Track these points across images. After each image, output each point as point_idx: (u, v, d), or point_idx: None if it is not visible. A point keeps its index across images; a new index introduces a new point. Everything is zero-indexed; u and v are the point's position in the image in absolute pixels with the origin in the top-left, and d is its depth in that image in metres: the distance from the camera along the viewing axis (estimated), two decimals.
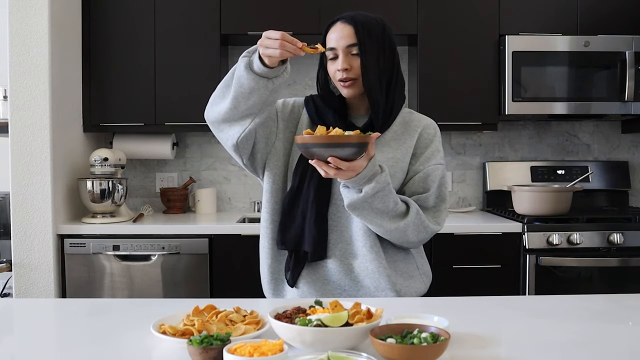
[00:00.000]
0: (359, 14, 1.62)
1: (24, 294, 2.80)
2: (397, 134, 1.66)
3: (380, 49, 1.60)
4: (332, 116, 1.64)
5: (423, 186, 1.63)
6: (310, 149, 1.37)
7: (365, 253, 1.59)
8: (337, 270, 1.61)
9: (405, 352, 1.02)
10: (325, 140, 1.35)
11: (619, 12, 3.20)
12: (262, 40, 1.41)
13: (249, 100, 1.49)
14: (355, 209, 1.49)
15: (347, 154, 1.37)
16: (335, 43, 1.60)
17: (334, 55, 1.61)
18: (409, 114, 1.72)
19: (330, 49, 1.61)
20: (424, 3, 3.18)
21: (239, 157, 1.63)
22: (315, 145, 1.36)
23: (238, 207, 3.59)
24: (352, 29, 1.58)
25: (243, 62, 1.46)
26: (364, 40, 1.57)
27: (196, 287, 2.85)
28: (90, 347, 1.21)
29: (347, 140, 1.35)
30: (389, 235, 1.56)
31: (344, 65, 1.58)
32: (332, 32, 1.61)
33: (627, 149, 3.62)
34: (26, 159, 2.80)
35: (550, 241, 2.82)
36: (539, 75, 3.15)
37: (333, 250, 1.61)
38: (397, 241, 1.59)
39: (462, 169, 3.59)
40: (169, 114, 3.17)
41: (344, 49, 1.59)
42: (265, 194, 1.69)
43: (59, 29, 2.90)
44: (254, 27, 3.15)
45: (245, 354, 0.99)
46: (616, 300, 1.56)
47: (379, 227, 1.54)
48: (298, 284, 1.63)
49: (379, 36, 1.60)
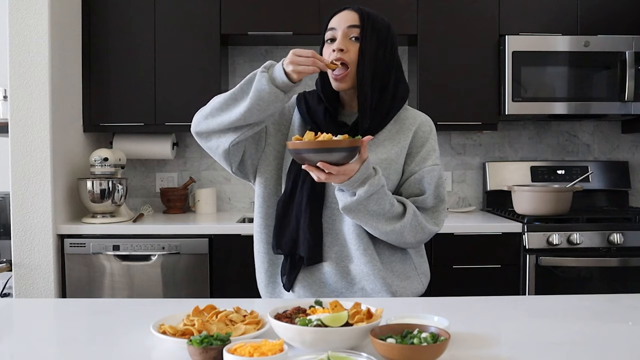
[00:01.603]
0: (366, 7, 1.61)
1: (24, 294, 2.80)
2: (391, 133, 1.63)
3: (381, 44, 1.58)
4: (323, 115, 1.62)
5: (419, 188, 1.61)
6: (301, 154, 1.38)
7: (359, 256, 1.58)
8: (333, 273, 1.60)
9: (405, 352, 1.02)
10: (315, 145, 1.35)
11: (619, 12, 3.20)
12: (293, 58, 1.46)
13: (265, 112, 1.52)
14: (350, 211, 1.49)
15: (337, 159, 1.37)
16: (337, 24, 1.58)
17: (332, 37, 1.59)
18: (403, 110, 1.68)
19: (330, 29, 1.59)
20: (424, 3, 3.18)
21: (228, 165, 1.62)
22: (305, 151, 1.36)
23: (238, 207, 3.59)
24: (357, 15, 1.57)
25: (264, 77, 1.49)
26: (366, 27, 1.56)
27: (196, 287, 2.85)
28: (90, 347, 1.21)
29: (336, 144, 1.35)
30: (385, 236, 1.55)
31: (339, 46, 1.55)
32: (336, 17, 1.60)
33: (627, 149, 3.62)
34: (26, 159, 2.80)
35: (550, 241, 2.82)
36: (539, 75, 3.15)
37: (328, 253, 1.61)
38: (395, 242, 1.58)
39: (462, 169, 3.59)
40: (169, 114, 3.17)
41: (344, 30, 1.56)
42: (258, 198, 1.68)
43: (59, 29, 2.90)
44: (254, 27, 3.15)
45: (245, 354, 0.99)
46: (616, 300, 1.56)
47: (375, 229, 1.53)
48: (294, 287, 1.62)
49: (383, 32, 1.59)
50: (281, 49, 3.53)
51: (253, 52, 3.55)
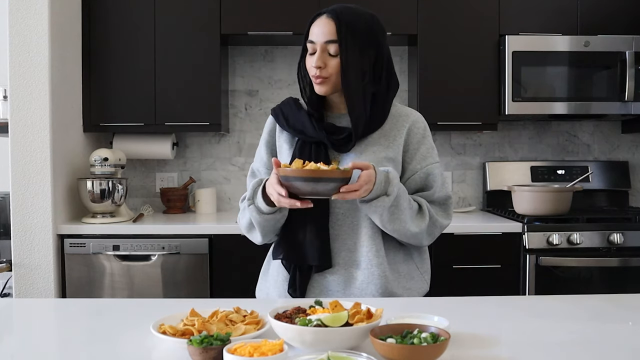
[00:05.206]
0: (345, 9, 1.56)
1: (24, 294, 2.79)
2: (384, 130, 1.62)
3: (364, 49, 1.55)
4: (309, 120, 1.61)
5: (425, 184, 1.62)
6: (292, 183, 1.39)
7: (372, 258, 1.58)
8: (341, 279, 1.59)
9: (405, 352, 1.02)
10: (307, 174, 1.37)
11: (619, 12, 3.20)
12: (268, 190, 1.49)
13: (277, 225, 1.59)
14: (390, 220, 1.51)
15: (330, 189, 1.39)
16: (315, 37, 1.56)
17: (313, 50, 1.57)
18: (392, 106, 1.66)
19: (310, 42, 1.57)
20: (424, 3, 3.18)
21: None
22: (296, 179, 1.38)
23: (238, 207, 3.58)
24: (334, 26, 1.53)
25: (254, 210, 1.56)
26: (345, 39, 1.52)
27: (196, 287, 2.85)
28: (90, 347, 1.21)
29: (328, 175, 1.37)
30: (412, 238, 1.58)
31: (317, 63, 1.54)
32: (315, 26, 1.57)
33: (627, 149, 3.62)
34: (26, 159, 2.80)
35: (550, 241, 2.82)
36: (539, 75, 3.15)
37: (336, 259, 1.60)
38: (414, 242, 1.60)
39: (462, 169, 3.59)
40: (169, 114, 3.17)
41: (322, 45, 1.54)
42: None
43: (59, 29, 2.90)
44: (254, 27, 3.15)
45: (245, 354, 0.99)
46: (616, 300, 1.56)
47: (403, 226, 1.54)
48: (305, 296, 1.61)
49: (364, 34, 1.55)
50: (281, 49, 3.53)
51: (253, 52, 3.55)
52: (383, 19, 1.64)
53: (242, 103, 3.56)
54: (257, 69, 3.55)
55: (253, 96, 3.56)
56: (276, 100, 3.24)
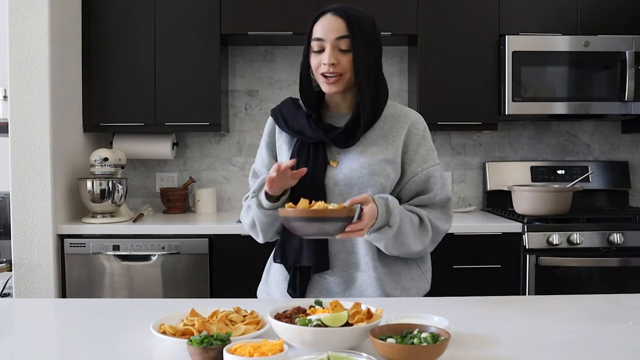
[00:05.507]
0: (350, 8, 1.56)
1: (24, 294, 2.79)
2: (383, 130, 1.62)
3: (370, 46, 1.56)
4: (306, 120, 1.60)
5: (425, 187, 1.61)
6: (291, 223, 1.36)
7: (368, 261, 1.58)
8: (341, 280, 1.60)
9: (405, 352, 1.02)
10: (310, 214, 1.33)
11: (619, 12, 3.20)
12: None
13: (274, 227, 1.60)
14: (395, 246, 1.51)
15: (335, 229, 1.36)
16: (324, 34, 1.54)
17: (320, 48, 1.55)
18: (392, 107, 1.66)
19: (317, 40, 1.55)
20: (424, 3, 3.18)
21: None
22: (298, 219, 1.34)
23: (238, 207, 3.58)
24: (344, 22, 1.53)
25: (254, 202, 1.56)
26: (356, 35, 1.52)
27: (196, 287, 2.85)
28: (90, 347, 1.21)
29: (334, 214, 1.33)
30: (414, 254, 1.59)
31: (331, 60, 1.52)
32: (320, 24, 1.56)
33: (627, 149, 3.62)
34: (26, 159, 2.80)
35: (550, 241, 2.82)
36: (539, 75, 3.15)
37: (335, 261, 1.60)
38: (418, 255, 1.62)
39: (462, 169, 3.59)
40: (169, 114, 3.17)
41: (333, 42, 1.53)
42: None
43: (59, 29, 2.90)
44: (254, 27, 3.15)
45: (245, 354, 0.99)
46: (616, 300, 1.56)
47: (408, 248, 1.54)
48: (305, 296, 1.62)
49: (370, 32, 1.56)
50: (281, 49, 3.53)
51: (253, 52, 3.55)
52: (383, 19, 1.65)
53: (242, 103, 3.56)
54: (257, 69, 3.55)
55: (253, 96, 3.56)
56: (276, 101, 3.24)
